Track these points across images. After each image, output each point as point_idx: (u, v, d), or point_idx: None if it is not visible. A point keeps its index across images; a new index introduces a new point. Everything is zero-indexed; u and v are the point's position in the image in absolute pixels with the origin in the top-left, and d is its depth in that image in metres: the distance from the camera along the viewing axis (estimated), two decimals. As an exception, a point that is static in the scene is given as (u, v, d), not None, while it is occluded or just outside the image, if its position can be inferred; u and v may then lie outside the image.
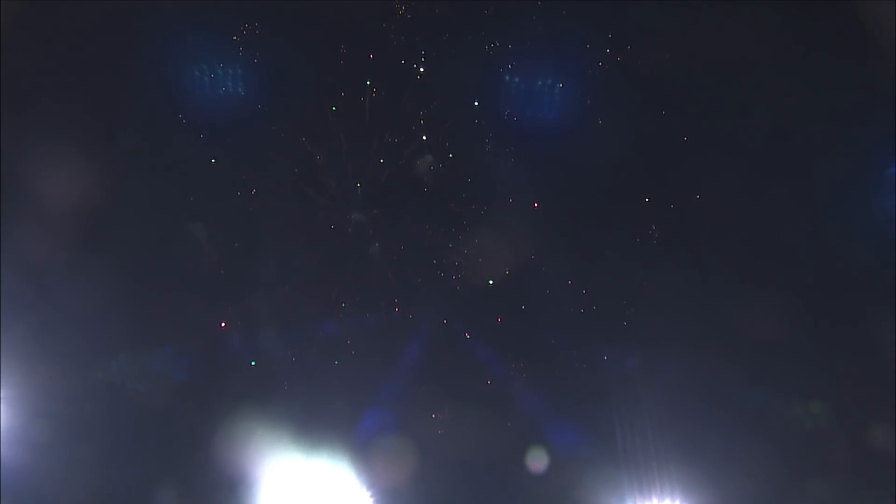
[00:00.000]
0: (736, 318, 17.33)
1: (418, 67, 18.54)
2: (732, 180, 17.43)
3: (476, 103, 18.74)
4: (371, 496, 17.65)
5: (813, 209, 17.74)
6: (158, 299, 18.30)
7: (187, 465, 17.37)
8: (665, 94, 17.78)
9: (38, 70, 17.33)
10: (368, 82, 18.58)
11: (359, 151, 18.98)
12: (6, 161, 16.73)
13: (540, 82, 17.92)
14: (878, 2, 15.09)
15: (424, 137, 18.88)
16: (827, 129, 16.94)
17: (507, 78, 18.25)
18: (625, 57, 17.52)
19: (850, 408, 17.26)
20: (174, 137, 18.55)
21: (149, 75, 18.13)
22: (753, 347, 17.37)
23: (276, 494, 17.38)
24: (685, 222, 18.42)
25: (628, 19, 17.09)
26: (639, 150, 18.12)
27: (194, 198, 18.84)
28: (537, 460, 17.97)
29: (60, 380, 17.13)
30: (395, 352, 19.28)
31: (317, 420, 17.98)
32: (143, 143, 18.21)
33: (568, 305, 18.99)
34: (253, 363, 18.44)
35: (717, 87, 17.30)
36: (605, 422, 17.78)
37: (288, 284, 19.17)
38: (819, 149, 17.21)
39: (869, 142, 16.89)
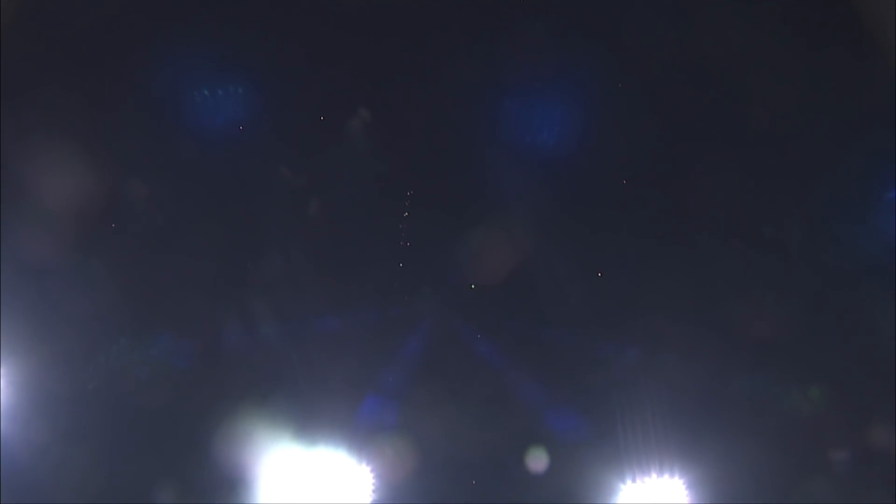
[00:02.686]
0: (736, 317, 17.39)
1: (419, 67, 18.61)
2: (732, 179, 17.48)
3: (478, 103, 18.76)
4: (372, 488, 17.75)
5: (813, 208, 17.83)
6: (158, 297, 18.36)
7: (187, 461, 17.40)
8: (663, 95, 17.83)
9: (38, 70, 17.38)
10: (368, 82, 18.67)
11: (360, 149, 19.07)
12: (6, 161, 16.85)
13: (540, 82, 18.02)
14: (879, 2, 15.12)
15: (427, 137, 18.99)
16: (826, 128, 16.98)
17: (508, 76, 18.32)
18: (623, 57, 17.52)
19: (849, 403, 17.37)
20: (174, 137, 18.56)
21: (148, 74, 18.13)
22: (752, 346, 17.48)
23: (276, 491, 17.40)
24: (686, 220, 18.47)
25: (626, 19, 17.11)
26: (639, 150, 18.19)
27: (194, 195, 18.87)
28: (537, 448, 18.08)
29: (60, 379, 17.16)
30: (395, 347, 19.38)
31: (316, 416, 18.03)
32: (143, 143, 18.28)
33: (569, 298, 19.07)
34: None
35: (717, 87, 17.35)
36: (605, 409, 17.78)
37: (288, 279, 19.20)
38: (818, 147, 17.27)
39: (868, 141, 16.94)
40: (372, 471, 17.61)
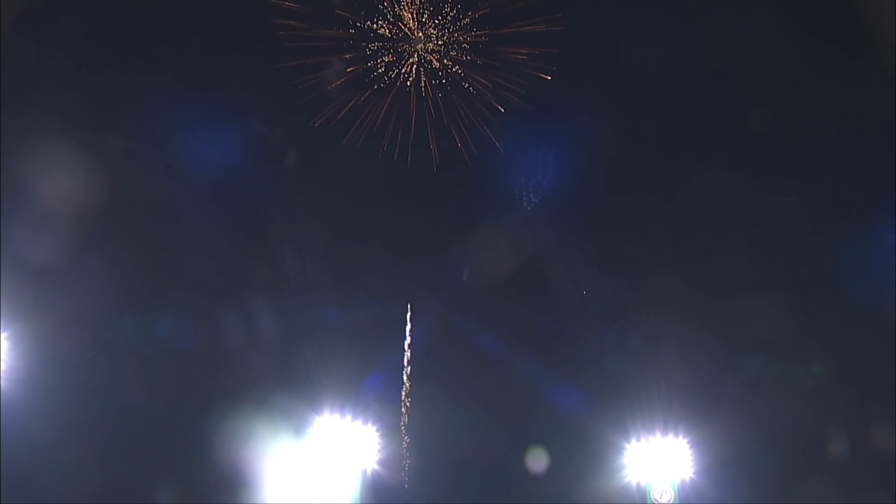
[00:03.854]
0: (736, 302, 17.73)
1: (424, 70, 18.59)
2: (732, 178, 17.53)
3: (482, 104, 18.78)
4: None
5: (814, 207, 17.89)
6: (159, 293, 18.65)
7: (187, 460, 17.71)
8: (664, 96, 17.91)
9: (38, 70, 17.33)
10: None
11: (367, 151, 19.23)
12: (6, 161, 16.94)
13: (542, 84, 18.08)
14: (879, 2, 15.03)
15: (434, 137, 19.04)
16: (826, 128, 17.00)
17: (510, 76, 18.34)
18: (623, 59, 17.50)
19: (840, 375, 17.89)
20: (174, 136, 18.59)
21: (148, 75, 18.08)
22: (753, 325, 17.75)
23: (276, 489, 17.64)
24: (686, 219, 18.64)
25: (626, 21, 17.07)
26: (640, 151, 18.34)
27: (195, 194, 18.99)
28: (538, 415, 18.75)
29: (61, 377, 17.35)
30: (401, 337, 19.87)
31: (318, 413, 18.40)
32: (143, 142, 18.34)
33: (573, 289, 19.42)
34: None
35: (717, 88, 17.45)
36: (607, 384, 18.44)
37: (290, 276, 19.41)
38: (818, 146, 17.33)
39: (868, 140, 17.00)
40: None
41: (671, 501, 17.40)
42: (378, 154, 18.05)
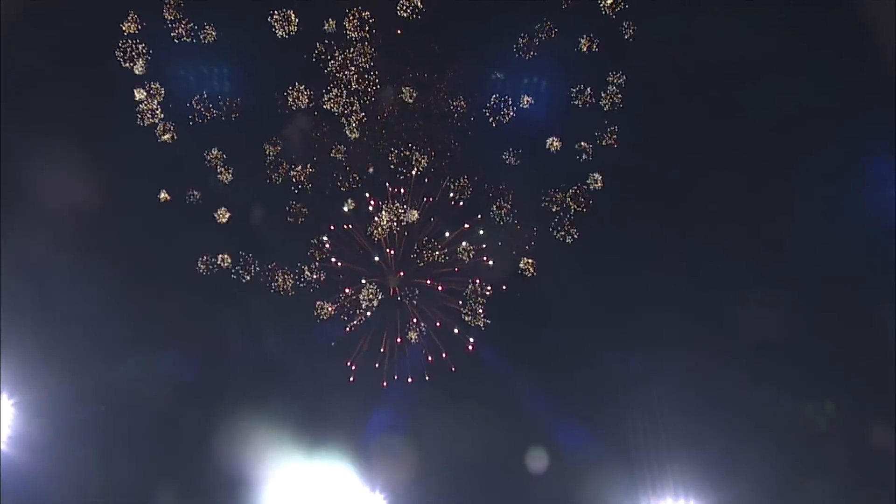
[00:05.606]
0: (739, 319, 17.42)
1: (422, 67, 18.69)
2: (734, 180, 17.49)
3: (477, 103, 18.79)
4: (378, 496, 17.88)
5: (815, 208, 17.83)
6: (161, 300, 18.37)
7: (189, 466, 17.47)
8: (665, 95, 17.80)
9: (39, 70, 17.38)
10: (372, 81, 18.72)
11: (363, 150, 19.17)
12: (6, 161, 16.89)
13: (540, 82, 18.13)
14: (879, 2, 15.21)
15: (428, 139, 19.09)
16: (827, 128, 17.04)
17: (509, 78, 18.41)
18: (625, 57, 17.62)
19: (852, 408, 17.42)
20: (174, 138, 18.54)
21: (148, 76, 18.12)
22: (757, 347, 17.47)
23: (280, 495, 17.42)
24: (689, 223, 18.50)
25: (627, 19, 17.20)
26: (640, 151, 18.28)
27: (195, 197, 18.87)
28: (544, 461, 18.18)
29: (63, 381, 17.16)
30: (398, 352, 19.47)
31: (321, 420, 18.07)
32: (142, 143, 18.26)
33: (573, 306, 19.11)
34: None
35: (718, 87, 17.40)
36: (613, 421, 17.96)
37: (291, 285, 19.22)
38: (820, 148, 17.35)
39: (869, 140, 17.02)
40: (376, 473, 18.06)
41: None
42: None
